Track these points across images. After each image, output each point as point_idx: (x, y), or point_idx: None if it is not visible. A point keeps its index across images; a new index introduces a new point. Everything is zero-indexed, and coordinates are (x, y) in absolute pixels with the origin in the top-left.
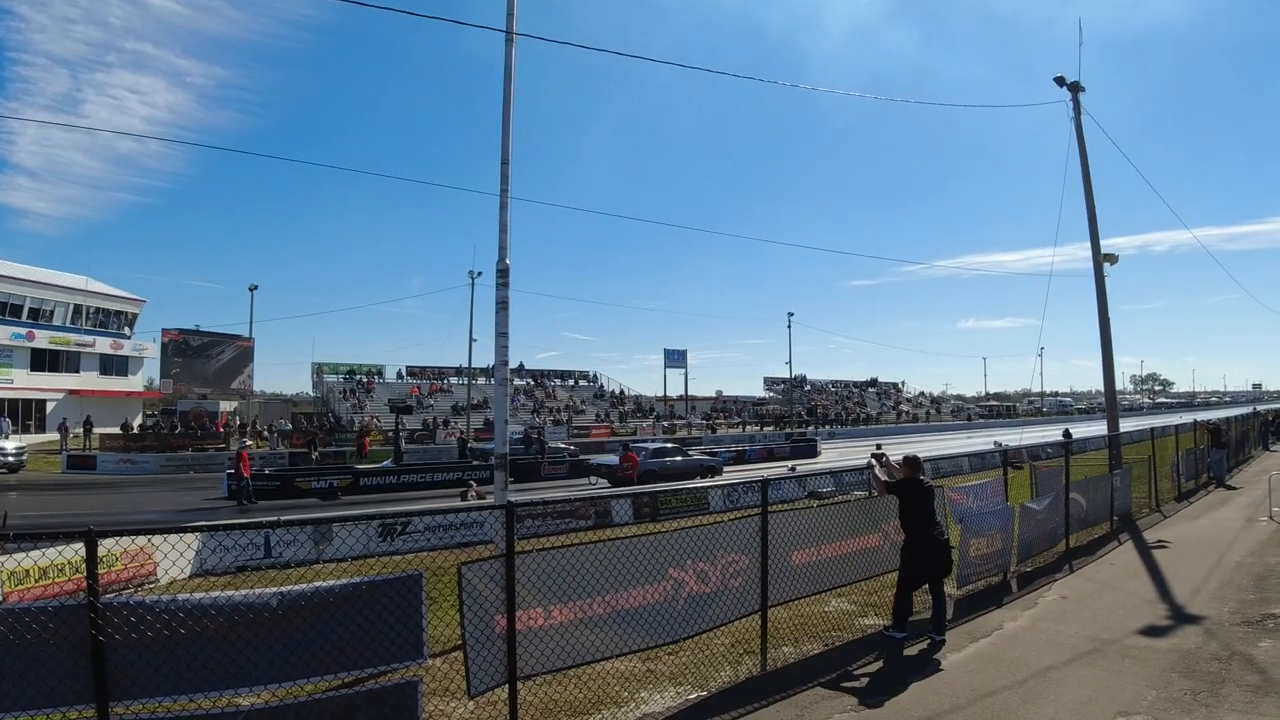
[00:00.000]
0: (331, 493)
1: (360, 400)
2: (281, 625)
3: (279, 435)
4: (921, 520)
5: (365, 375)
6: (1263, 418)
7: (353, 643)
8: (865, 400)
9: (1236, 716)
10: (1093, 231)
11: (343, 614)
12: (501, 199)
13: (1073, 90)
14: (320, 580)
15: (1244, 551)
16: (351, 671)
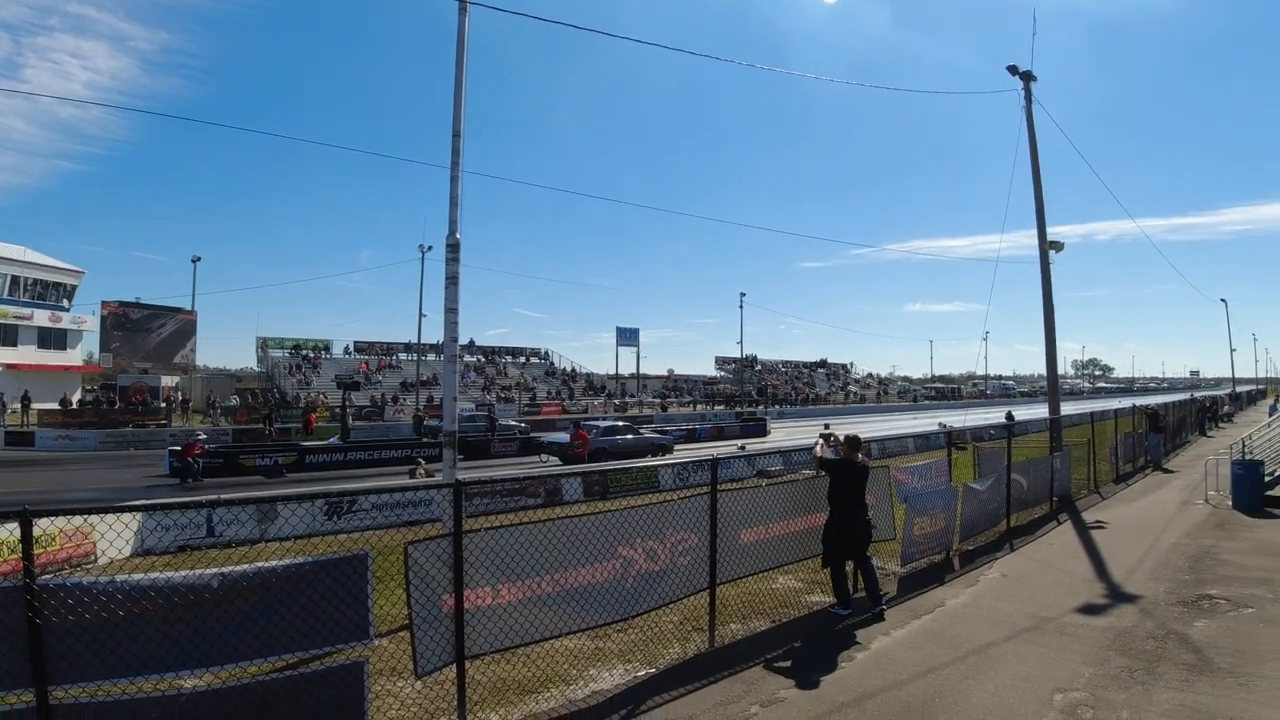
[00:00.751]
0: (276, 470)
1: (306, 376)
2: (224, 606)
3: (223, 412)
4: (848, 500)
5: (312, 350)
6: (1199, 404)
7: (297, 624)
8: (815, 381)
9: (1172, 694)
10: (1040, 220)
11: (287, 594)
12: (452, 172)
13: (1025, 79)
14: (264, 560)
15: (1179, 533)
16: (296, 653)
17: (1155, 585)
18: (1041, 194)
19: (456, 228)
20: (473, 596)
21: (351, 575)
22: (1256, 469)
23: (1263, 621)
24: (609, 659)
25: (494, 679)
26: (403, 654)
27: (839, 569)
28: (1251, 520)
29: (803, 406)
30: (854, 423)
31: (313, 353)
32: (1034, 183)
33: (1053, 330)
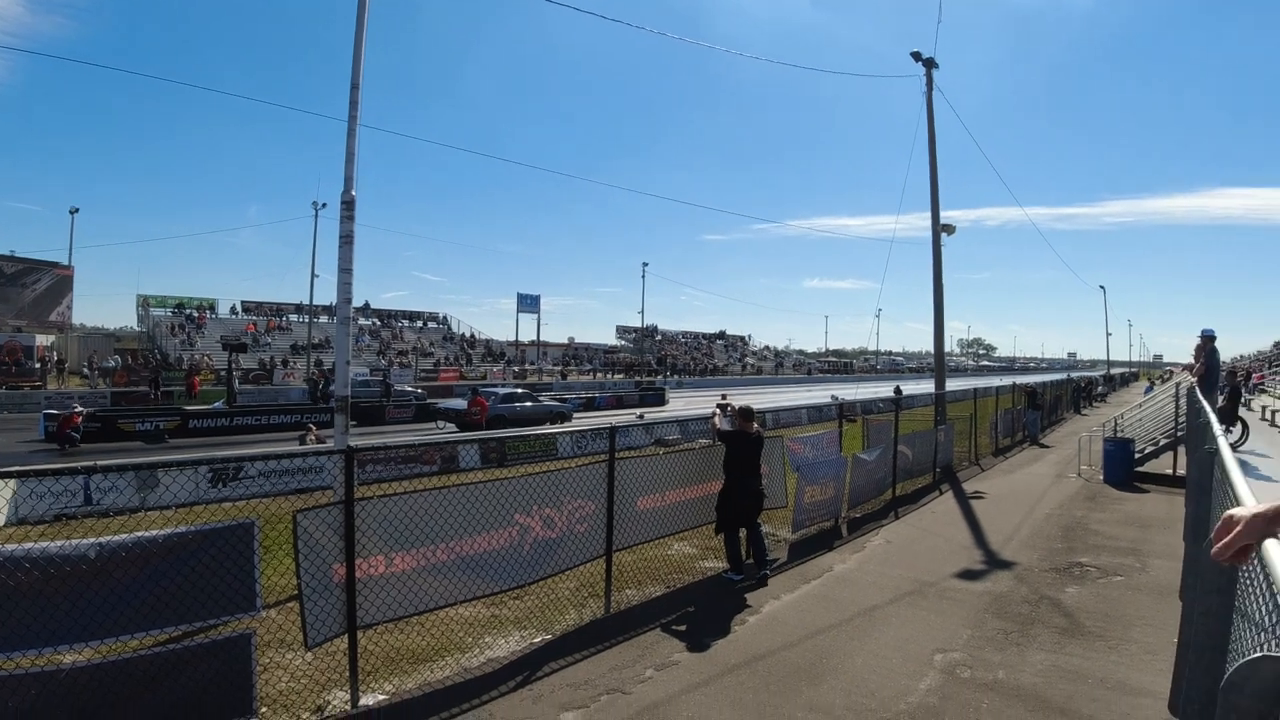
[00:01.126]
0: (158, 435)
1: (190, 336)
2: (102, 578)
3: (101, 373)
4: (742, 468)
5: (196, 310)
6: (1076, 384)
7: (181, 595)
8: (714, 352)
9: (1045, 655)
10: (934, 203)
11: (169, 565)
12: (350, 126)
13: (927, 66)
14: (145, 529)
15: (1053, 505)
16: (180, 625)
17: (1030, 553)
18: (937, 178)
19: (352, 184)
20: (365, 565)
21: (237, 544)
22: (1127, 446)
23: (1130, 589)
24: (505, 626)
25: (387, 649)
26: (292, 625)
27: (733, 536)
28: (1121, 494)
29: (701, 377)
30: (751, 394)
31: (197, 312)
32: (930, 167)
33: (941, 310)
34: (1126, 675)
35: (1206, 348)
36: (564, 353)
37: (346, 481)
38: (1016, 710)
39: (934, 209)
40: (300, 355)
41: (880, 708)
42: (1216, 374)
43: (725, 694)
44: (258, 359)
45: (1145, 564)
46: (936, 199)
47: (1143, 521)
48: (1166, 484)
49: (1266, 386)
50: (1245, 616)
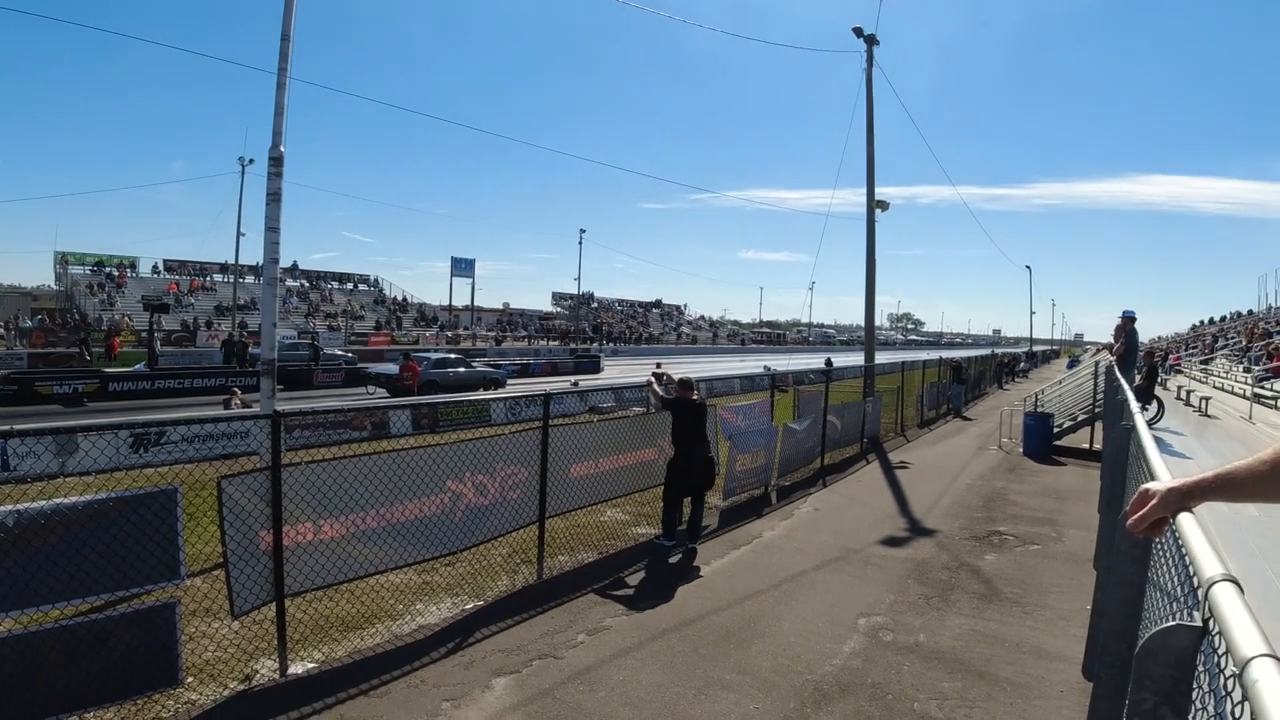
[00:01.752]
0: (76, 399)
1: (110, 296)
2: (20, 546)
3: (19, 334)
4: (690, 437)
5: (116, 268)
6: (999, 359)
7: (102, 565)
8: (649, 320)
9: (964, 620)
10: (870, 179)
11: (89, 533)
12: (279, 79)
13: (868, 42)
14: (64, 496)
15: (974, 476)
16: (102, 595)
17: (951, 521)
18: (873, 155)
19: (281, 139)
20: (292, 533)
21: (160, 512)
22: (1047, 420)
23: (1046, 557)
24: (437, 593)
25: (316, 616)
26: (218, 594)
27: (675, 504)
28: (1040, 466)
29: (637, 345)
30: (686, 363)
31: (117, 270)
32: (868, 144)
33: (873, 284)
34: (1042, 640)
35: (1127, 328)
36: (499, 318)
37: (273, 447)
38: (936, 673)
39: (869, 186)
40: (225, 316)
41: (806, 670)
42: (1135, 354)
43: (656, 657)
44: (180, 320)
45: (1061, 534)
46: (872, 176)
47: (1060, 493)
48: (1084, 458)
49: (1182, 368)
50: (1158, 586)
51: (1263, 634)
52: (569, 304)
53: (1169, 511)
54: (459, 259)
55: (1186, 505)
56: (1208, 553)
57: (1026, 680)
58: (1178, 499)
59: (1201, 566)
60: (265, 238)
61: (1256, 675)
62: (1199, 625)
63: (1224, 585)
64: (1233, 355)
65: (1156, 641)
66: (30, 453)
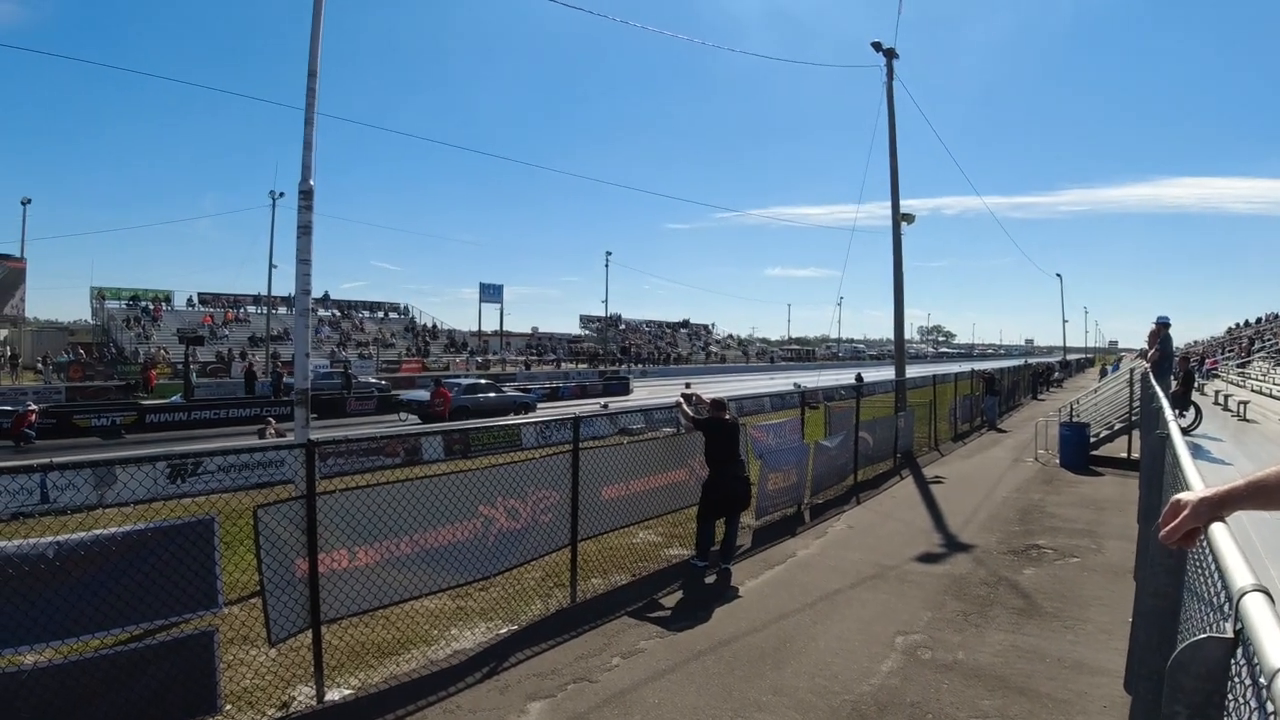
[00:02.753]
0: (114, 430)
1: (146, 329)
2: (61, 577)
3: (55, 368)
4: (724, 457)
5: (152, 301)
6: (1033, 369)
7: (141, 593)
8: (677, 340)
9: (1003, 636)
10: (894, 192)
11: (129, 563)
12: (307, 114)
13: (887, 56)
14: (103, 527)
15: (1011, 488)
16: (141, 624)
17: (988, 536)
18: (896, 168)
19: (310, 173)
20: (328, 560)
21: (197, 541)
22: (1083, 430)
23: (1086, 570)
24: (471, 617)
25: (352, 643)
26: (255, 621)
27: (709, 525)
28: (1077, 477)
29: (665, 366)
30: (715, 382)
31: (152, 304)
32: (890, 158)
33: (901, 299)
34: (1083, 654)
35: (1160, 334)
36: (527, 343)
37: (308, 476)
38: (976, 690)
39: (894, 199)
40: (259, 347)
41: (843, 690)
42: (1170, 360)
43: (691, 679)
44: (215, 351)
45: (1100, 545)
46: (896, 190)
47: (1098, 504)
48: (1121, 467)
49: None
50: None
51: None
52: (597, 326)
53: (1201, 522)
54: (487, 285)
55: (1219, 515)
56: (1239, 563)
57: (1068, 696)
58: (1210, 509)
59: (1232, 577)
60: (297, 270)
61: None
62: (1230, 637)
63: (1254, 595)
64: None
65: (1188, 654)
66: (70, 485)
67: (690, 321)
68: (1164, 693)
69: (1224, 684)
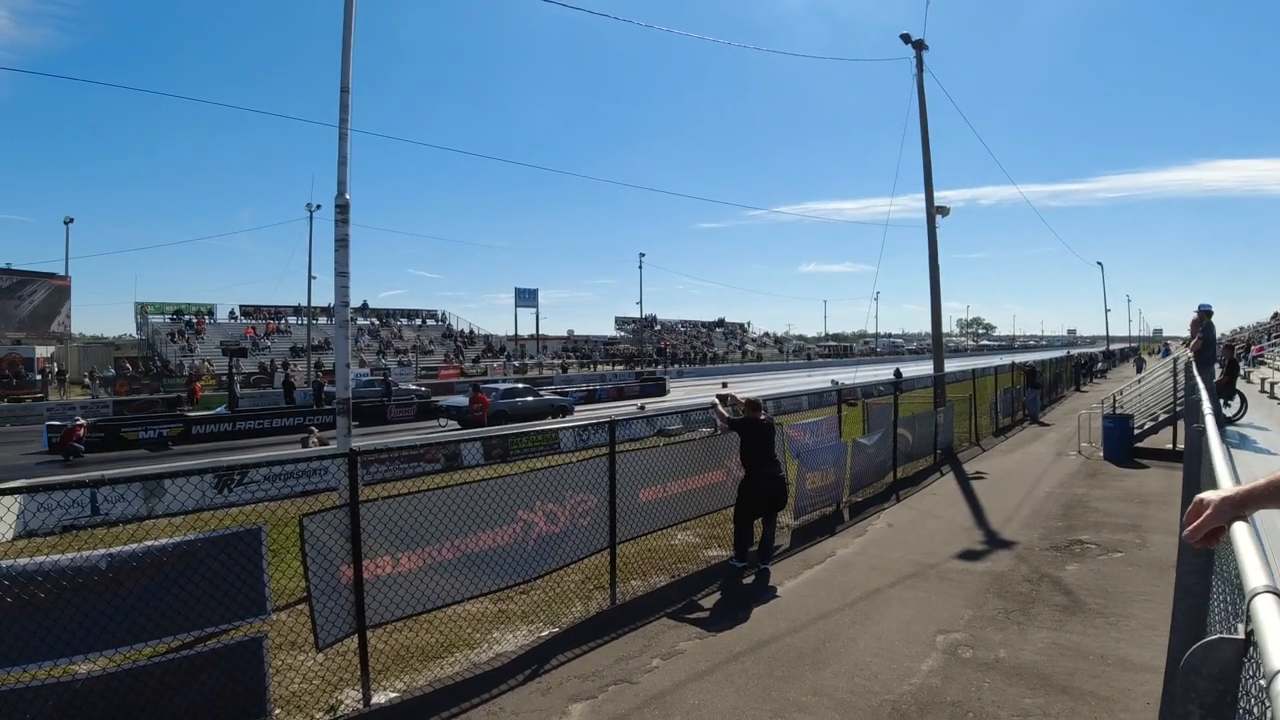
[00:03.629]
0: (161, 442)
1: (190, 342)
2: (114, 588)
3: (102, 383)
4: (759, 457)
5: (194, 315)
6: (1075, 361)
7: (191, 602)
8: (713, 340)
9: (1046, 633)
10: (928, 186)
11: (179, 573)
12: (341, 130)
13: (917, 48)
14: (153, 538)
15: (1053, 483)
16: (192, 631)
17: (1030, 532)
18: (930, 161)
19: (345, 188)
20: (372, 566)
21: (245, 550)
22: (1126, 423)
23: (1130, 565)
24: (512, 621)
25: (397, 647)
26: (303, 627)
27: (746, 525)
28: (1121, 470)
29: (701, 366)
30: (752, 381)
31: (195, 317)
32: (923, 150)
33: (938, 291)
34: (1127, 651)
35: (1203, 322)
36: (563, 346)
37: (350, 484)
38: (1018, 689)
39: (928, 192)
40: (300, 357)
41: (883, 690)
42: (1214, 348)
43: (730, 681)
44: (258, 362)
45: (1145, 540)
46: (930, 182)
47: (1142, 497)
48: (1166, 459)
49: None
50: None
51: None
52: (632, 328)
53: (1224, 521)
54: (522, 289)
55: (1242, 514)
56: (1255, 564)
57: (1111, 693)
58: (1232, 508)
59: (1247, 578)
60: (335, 282)
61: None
62: (1241, 638)
63: (1265, 597)
64: None
65: (1200, 655)
66: (120, 498)
67: (725, 321)
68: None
69: (1236, 685)
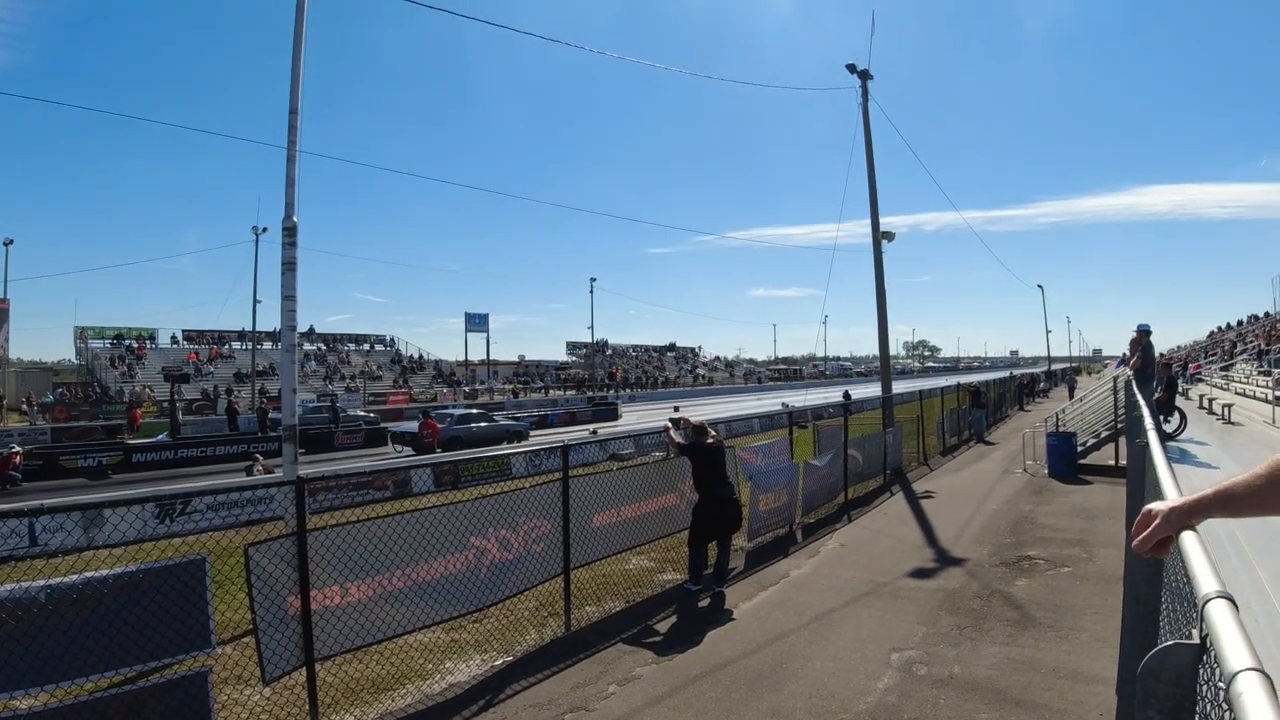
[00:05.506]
0: (101, 471)
1: (131, 367)
2: (54, 620)
3: (40, 409)
4: (712, 480)
5: (136, 339)
6: (1018, 381)
7: (133, 635)
8: (664, 364)
9: (998, 649)
10: (873, 212)
11: (120, 605)
12: (289, 152)
13: (862, 78)
14: (94, 569)
15: (1001, 500)
16: (135, 666)
17: (980, 548)
18: (875, 188)
19: (294, 210)
20: (320, 597)
21: (189, 581)
22: (1070, 440)
23: (1078, 579)
24: (465, 650)
25: (346, 679)
26: (249, 660)
27: (701, 548)
28: (1066, 487)
29: (653, 390)
30: (704, 404)
31: (136, 342)
32: (869, 178)
33: (884, 316)
34: (1078, 664)
35: (1142, 341)
36: (515, 371)
37: (298, 513)
38: (973, 704)
39: (874, 218)
40: (244, 383)
41: (840, 709)
42: (1153, 367)
43: (688, 705)
44: (200, 389)
45: (1092, 554)
46: (876, 210)
47: (1088, 512)
48: (1110, 474)
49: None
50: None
51: (1251, 650)
52: (584, 353)
53: (1172, 530)
54: (473, 314)
55: (1189, 523)
56: (1206, 571)
57: (1065, 705)
58: (1180, 517)
59: (1199, 585)
60: (282, 306)
61: (1241, 689)
62: (1196, 643)
63: (1217, 602)
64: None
65: (1157, 660)
66: (59, 527)
67: (677, 345)
68: (1137, 698)
69: (1193, 689)
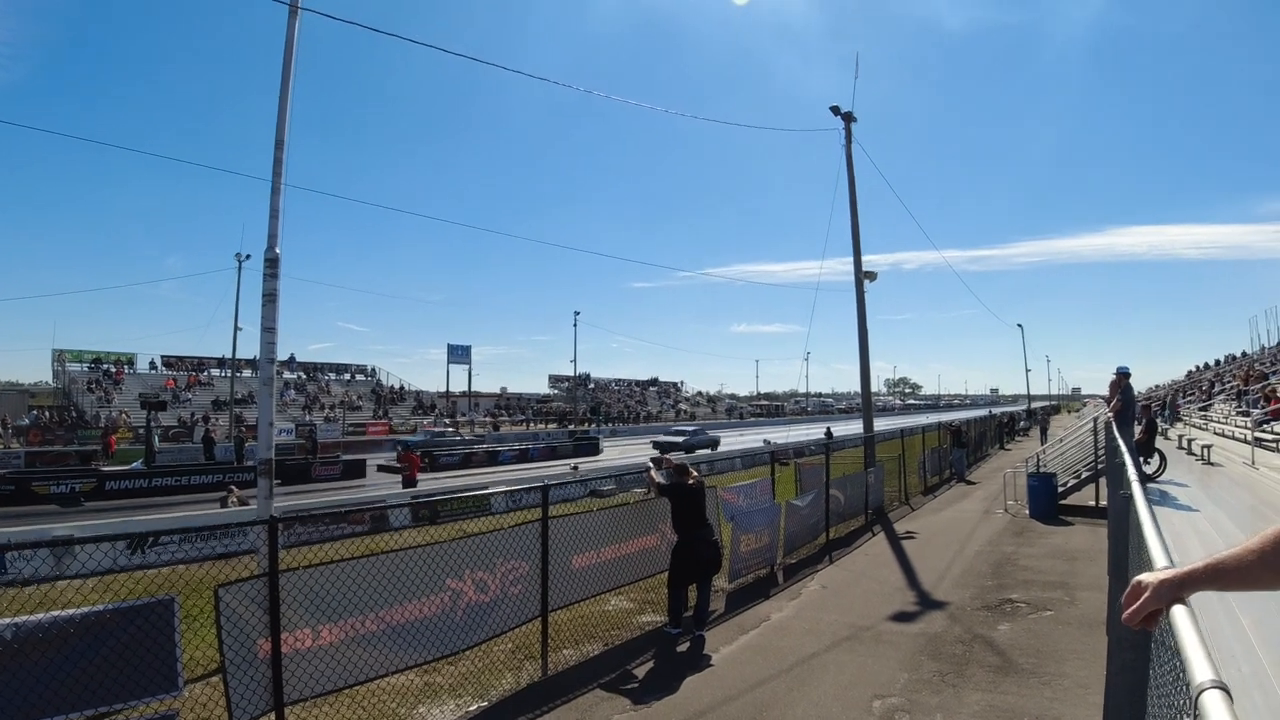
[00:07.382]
0: (73, 498)
1: (108, 392)
2: (18, 659)
3: (14, 432)
4: (692, 521)
5: (114, 364)
6: (998, 419)
7: (100, 677)
8: (646, 399)
9: (981, 695)
10: (856, 252)
11: (87, 645)
12: (274, 183)
13: (846, 120)
14: (61, 606)
15: (982, 541)
16: (100, 708)
17: (962, 591)
18: (858, 228)
19: (277, 241)
20: (291, 639)
21: (157, 622)
22: (1050, 480)
23: (1061, 623)
24: (439, 694)
25: None
26: (217, 702)
27: (681, 590)
28: (1047, 528)
29: (635, 424)
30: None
31: (115, 367)
32: (851, 218)
33: (867, 354)
34: (1061, 711)
35: (1122, 384)
36: (496, 403)
37: (270, 553)
38: None
39: (856, 259)
40: (223, 411)
41: None
42: (1133, 408)
43: None
44: (178, 416)
45: (1074, 597)
46: (859, 250)
47: (1069, 554)
48: (1091, 515)
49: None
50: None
51: None
52: (566, 386)
53: (1163, 604)
54: (455, 346)
55: (1180, 596)
56: (1199, 655)
57: None
58: (1170, 590)
59: (1192, 671)
60: (262, 338)
61: None
62: None
63: (1212, 693)
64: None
65: None
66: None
67: (659, 379)
68: None
69: None
